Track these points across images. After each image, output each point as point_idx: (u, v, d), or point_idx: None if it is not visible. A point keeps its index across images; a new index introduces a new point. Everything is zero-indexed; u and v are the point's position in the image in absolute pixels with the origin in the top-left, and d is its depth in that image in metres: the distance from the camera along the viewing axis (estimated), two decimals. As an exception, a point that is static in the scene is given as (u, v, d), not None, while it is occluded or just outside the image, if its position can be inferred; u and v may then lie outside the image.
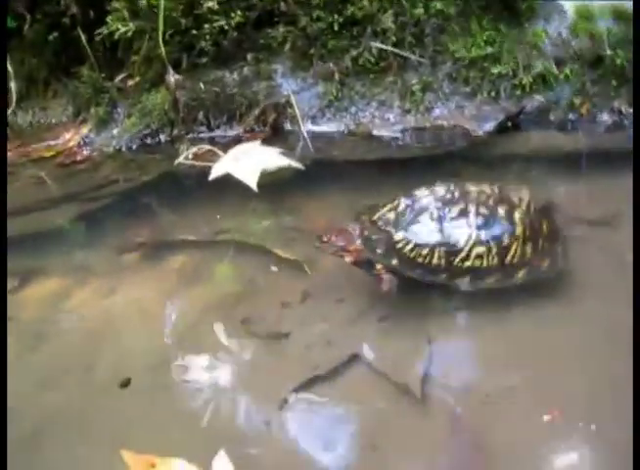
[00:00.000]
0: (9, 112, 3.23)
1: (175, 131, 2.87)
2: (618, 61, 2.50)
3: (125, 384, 1.61)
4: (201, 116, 2.85)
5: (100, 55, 3.08)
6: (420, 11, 2.67)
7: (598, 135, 2.56)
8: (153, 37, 2.81)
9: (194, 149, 2.61)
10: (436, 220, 1.66)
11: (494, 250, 1.64)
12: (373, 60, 2.74)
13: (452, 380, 1.51)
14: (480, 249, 1.64)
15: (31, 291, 2.04)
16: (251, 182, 2.18)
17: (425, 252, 1.65)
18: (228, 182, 2.28)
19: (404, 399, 1.46)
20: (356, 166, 2.57)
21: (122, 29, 2.86)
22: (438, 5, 2.67)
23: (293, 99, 2.78)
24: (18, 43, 3.20)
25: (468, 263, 1.64)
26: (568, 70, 2.59)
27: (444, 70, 2.72)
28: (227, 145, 2.59)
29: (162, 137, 2.89)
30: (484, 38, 2.66)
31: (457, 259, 1.65)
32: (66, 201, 2.51)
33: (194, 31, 2.80)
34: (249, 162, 2.30)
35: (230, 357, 1.68)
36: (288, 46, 2.80)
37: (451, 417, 1.42)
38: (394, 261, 1.69)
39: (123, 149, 2.87)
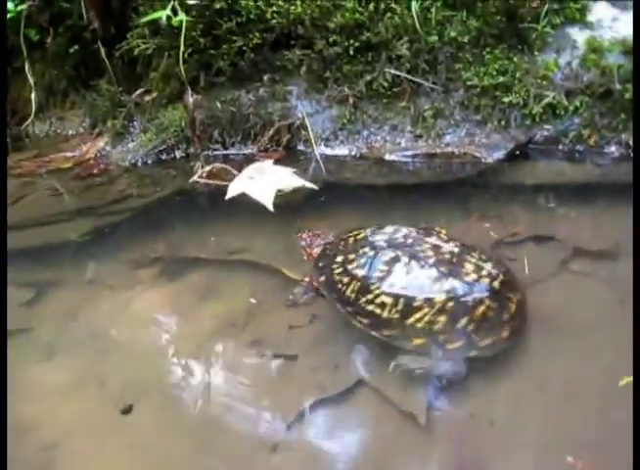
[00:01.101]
0: (28, 122, 3.29)
1: (191, 148, 2.91)
2: (627, 95, 2.52)
3: (127, 410, 1.62)
4: (216, 134, 2.89)
5: (118, 69, 3.14)
6: (434, 38, 2.71)
7: (605, 167, 2.58)
8: (172, 55, 2.87)
9: (208, 167, 2.66)
10: (371, 257, 1.71)
11: (399, 306, 1.62)
12: (387, 85, 2.77)
13: (456, 407, 1.55)
14: (387, 299, 1.63)
15: (47, 303, 2.08)
16: (268, 202, 2.24)
17: (345, 280, 1.72)
18: (241, 201, 2.34)
19: (409, 424, 1.49)
20: (367, 190, 2.61)
21: (142, 46, 2.93)
22: (452, 33, 2.70)
23: (307, 121, 2.82)
24: (40, 55, 3.26)
25: (370, 307, 1.66)
26: (577, 102, 2.61)
27: (456, 97, 2.75)
28: (241, 163, 2.65)
29: (178, 153, 2.93)
30: (497, 67, 2.69)
31: (363, 299, 1.67)
32: (82, 214, 2.55)
33: (212, 51, 2.85)
34: (264, 181, 2.36)
35: (239, 378, 1.71)
36: (304, 69, 2.84)
37: (455, 444, 1.46)
38: (322, 278, 1.81)
39: (139, 163, 2.91)
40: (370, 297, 1.66)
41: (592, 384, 1.57)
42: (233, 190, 2.36)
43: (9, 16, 2.97)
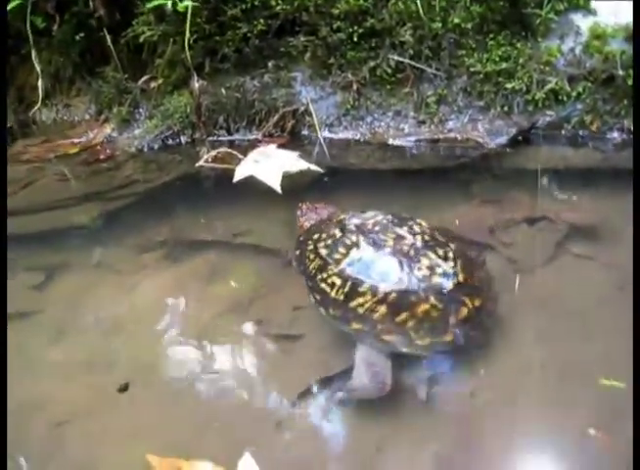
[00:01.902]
0: (35, 108, 3.32)
1: (196, 134, 2.94)
2: (630, 81, 2.54)
3: (123, 389, 1.66)
4: (221, 119, 2.92)
5: (124, 56, 3.16)
6: (438, 25, 2.73)
7: (607, 152, 2.60)
8: (177, 41, 2.89)
9: (214, 152, 2.69)
10: (336, 240, 1.75)
11: (346, 288, 1.64)
12: (390, 71, 2.79)
13: (456, 385, 1.58)
14: (337, 280, 1.67)
15: (55, 287, 2.12)
16: (275, 185, 2.27)
17: (311, 257, 1.79)
18: (246, 184, 2.37)
19: (410, 401, 1.53)
20: (370, 175, 2.63)
21: (148, 33, 2.95)
22: (456, 19, 2.72)
23: (311, 107, 2.85)
24: (46, 43, 3.29)
25: (322, 285, 1.70)
26: (580, 88, 2.63)
27: (459, 83, 2.77)
28: (246, 149, 2.68)
29: (183, 139, 2.96)
30: (500, 54, 2.71)
31: (319, 277, 1.72)
32: (89, 199, 2.58)
33: (217, 37, 2.87)
34: (270, 164, 2.39)
35: (245, 357, 1.74)
36: (308, 55, 2.87)
37: (454, 422, 1.49)
38: (297, 252, 1.90)
39: (145, 149, 2.94)
40: (324, 275, 1.70)
41: (589, 365, 1.60)
42: (240, 173, 2.39)
43: (15, 3, 2.98)
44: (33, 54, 3.26)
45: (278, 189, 2.26)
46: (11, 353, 1.68)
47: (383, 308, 1.58)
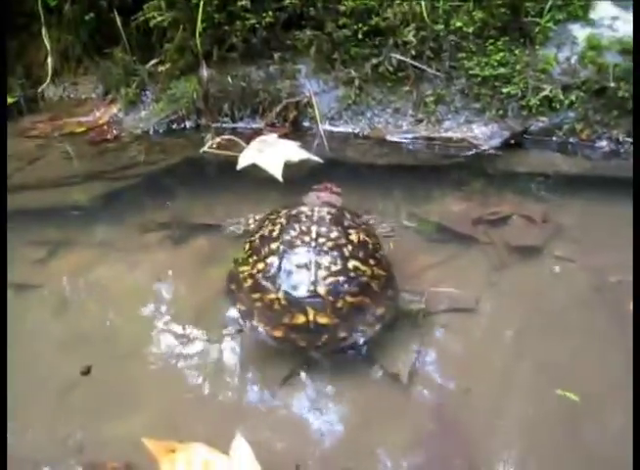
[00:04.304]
0: (44, 85, 3.38)
1: (201, 120, 3.01)
2: (621, 93, 2.64)
3: (86, 372, 1.71)
4: (226, 107, 2.99)
5: (133, 38, 3.20)
6: (440, 27, 2.81)
7: (595, 160, 2.69)
8: (186, 28, 2.96)
9: (218, 139, 2.77)
10: (263, 230, 1.89)
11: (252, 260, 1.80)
12: (392, 69, 2.87)
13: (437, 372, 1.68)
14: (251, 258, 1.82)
15: (58, 262, 2.18)
16: (277, 173, 2.35)
17: (246, 245, 1.92)
18: (247, 171, 2.43)
19: (393, 386, 1.63)
20: (367, 169, 2.71)
21: (158, 18, 3.01)
22: (458, 23, 2.80)
23: (313, 99, 2.92)
24: (56, 21, 3.32)
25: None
26: (573, 97, 2.73)
27: (458, 85, 2.86)
28: (249, 137, 2.74)
29: (188, 124, 3.02)
30: (498, 59, 2.79)
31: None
32: (93, 178, 2.63)
33: (226, 27, 2.94)
34: (272, 153, 2.46)
35: (235, 339, 1.81)
36: (313, 49, 2.94)
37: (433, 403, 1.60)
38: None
39: (150, 132, 2.99)
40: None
41: (562, 358, 1.71)
42: (243, 161, 2.46)
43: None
44: (44, 32, 3.31)
45: (280, 178, 2.34)
46: (13, 324, 1.77)
47: (249, 282, 1.75)
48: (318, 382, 1.65)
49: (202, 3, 2.74)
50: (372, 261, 1.77)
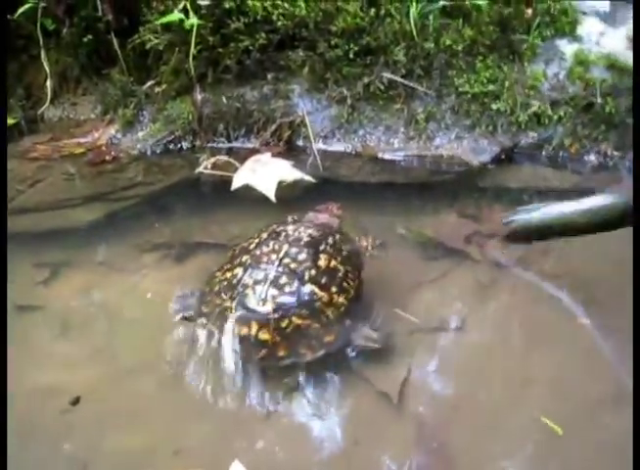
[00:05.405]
0: (44, 107, 3.43)
1: (197, 140, 3.05)
2: (608, 108, 2.70)
3: (74, 402, 1.75)
4: (221, 127, 3.03)
5: (130, 60, 3.23)
6: (430, 45, 2.85)
7: (584, 174, 2.75)
8: (182, 51, 2.99)
9: (213, 159, 2.83)
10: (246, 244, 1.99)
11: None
12: (383, 88, 2.91)
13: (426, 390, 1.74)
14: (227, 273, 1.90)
15: (60, 283, 2.24)
16: (270, 193, 2.41)
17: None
18: (242, 191, 2.50)
19: (383, 402, 1.69)
20: (360, 186, 2.76)
21: (154, 41, 3.05)
22: (448, 41, 2.85)
23: (307, 118, 2.96)
24: (55, 44, 3.37)
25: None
26: (561, 112, 2.78)
27: (448, 102, 2.90)
28: (244, 156, 2.80)
29: (185, 144, 3.05)
30: (487, 76, 2.85)
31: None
32: (94, 199, 2.67)
33: (220, 49, 2.97)
34: (266, 173, 2.52)
35: (235, 354, 1.79)
36: (306, 69, 2.97)
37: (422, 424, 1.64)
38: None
39: (148, 152, 3.02)
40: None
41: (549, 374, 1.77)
42: (237, 182, 2.52)
43: (27, 6, 3.09)
44: (43, 54, 3.34)
45: (273, 198, 2.39)
46: (17, 345, 1.83)
47: (216, 287, 1.89)
48: (310, 401, 1.71)
49: (195, 26, 2.79)
50: (334, 289, 1.82)
